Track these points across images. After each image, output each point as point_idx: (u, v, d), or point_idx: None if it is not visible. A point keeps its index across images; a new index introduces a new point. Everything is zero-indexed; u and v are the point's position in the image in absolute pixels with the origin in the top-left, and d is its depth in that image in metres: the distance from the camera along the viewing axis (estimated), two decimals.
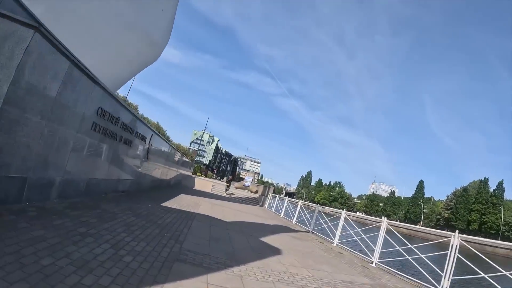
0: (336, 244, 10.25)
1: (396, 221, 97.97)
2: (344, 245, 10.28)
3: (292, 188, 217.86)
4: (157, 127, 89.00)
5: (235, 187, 34.45)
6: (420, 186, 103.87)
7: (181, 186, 22.89)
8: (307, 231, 12.95)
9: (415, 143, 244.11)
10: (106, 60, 11.70)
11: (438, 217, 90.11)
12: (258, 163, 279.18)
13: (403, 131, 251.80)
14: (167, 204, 10.26)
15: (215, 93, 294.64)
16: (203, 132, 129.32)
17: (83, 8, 10.56)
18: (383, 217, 9.53)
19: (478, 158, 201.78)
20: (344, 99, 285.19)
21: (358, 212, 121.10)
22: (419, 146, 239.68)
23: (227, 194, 25.99)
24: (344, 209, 12.49)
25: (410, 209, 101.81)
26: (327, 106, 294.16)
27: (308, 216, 14.05)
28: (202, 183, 27.53)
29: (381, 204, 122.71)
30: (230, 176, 29.68)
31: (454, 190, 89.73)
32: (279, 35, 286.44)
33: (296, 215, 15.60)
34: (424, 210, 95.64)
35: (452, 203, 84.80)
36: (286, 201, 18.14)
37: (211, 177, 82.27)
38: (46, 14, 9.32)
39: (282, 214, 17.63)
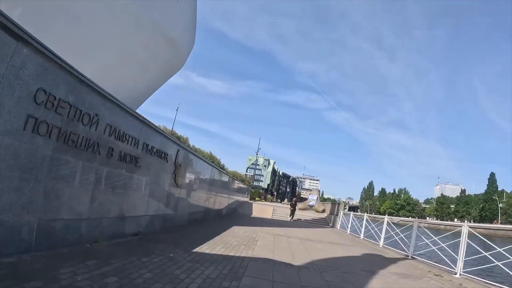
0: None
1: (470, 221, 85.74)
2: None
3: (355, 201, 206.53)
4: (210, 156, 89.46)
5: (299, 209, 30.16)
6: (492, 180, 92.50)
7: (236, 215, 19.56)
8: (406, 257, 9.55)
9: (475, 135, 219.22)
10: (109, 65, 9.11)
11: None
12: (317, 180, 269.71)
13: (460, 125, 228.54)
14: (205, 247, 6.72)
15: (264, 117, 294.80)
16: (257, 156, 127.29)
17: (76, 4, 8.19)
18: (465, 221, 5.46)
19: None
20: (394, 102, 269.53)
21: (428, 218, 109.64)
22: (479, 137, 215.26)
23: (291, 220, 21.86)
24: (416, 217, 8.74)
25: (484, 206, 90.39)
26: (378, 112, 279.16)
27: (401, 235, 10.66)
28: (261, 208, 23.99)
29: (452, 206, 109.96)
30: (294, 199, 24.97)
31: None
32: (318, 50, 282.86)
33: (383, 236, 12.35)
34: (500, 205, 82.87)
35: None
36: (364, 220, 15.11)
37: (271, 201, 78.92)
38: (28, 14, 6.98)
39: (362, 236, 14.83)
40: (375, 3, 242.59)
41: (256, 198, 43.04)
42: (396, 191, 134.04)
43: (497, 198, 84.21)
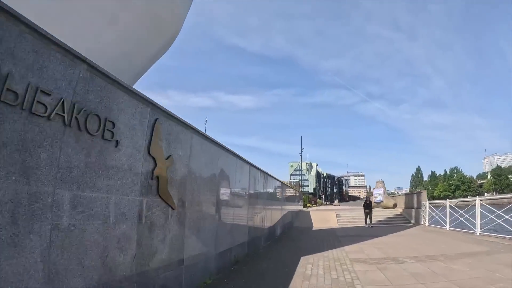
0: None
1: None
2: None
3: (404, 190, 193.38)
4: None
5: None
6: None
7: (294, 231, 14.75)
8: None
9: None
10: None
11: None
12: (362, 176, 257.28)
13: (496, 91, 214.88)
14: None
15: (298, 122, 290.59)
16: (301, 159, 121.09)
17: None
18: None
19: None
20: (424, 82, 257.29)
21: (486, 194, 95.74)
22: None
23: (368, 226, 16.26)
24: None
25: None
26: (410, 96, 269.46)
27: None
28: (321, 216, 18.94)
29: (510, 176, 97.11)
30: (369, 198, 17.84)
31: None
32: (337, 45, 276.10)
33: None
34: None
35: None
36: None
37: (321, 205, 73.13)
38: None
39: (478, 231, 10.69)
40: None
41: (308, 205, 37.70)
42: (447, 172, 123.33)
43: None
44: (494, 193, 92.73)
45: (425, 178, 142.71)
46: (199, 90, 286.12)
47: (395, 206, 22.66)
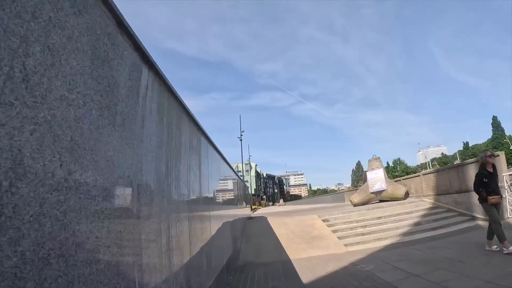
0: None
1: None
2: None
3: (346, 185, 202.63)
4: None
5: (353, 204, 16.87)
6: (496, 124, 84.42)
7: (247, 255, 8.10)
8: None
9: (441, 96, 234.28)
10: None
11: None
12: (302, 174, 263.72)
13: (425, 89, 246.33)
14: None
15: (236, 125, 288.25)
16: (242, 160, 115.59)
17: None
18: None
19: (508, 83, 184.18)
20: (357, 82, 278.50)
21: None
22: (446, 97, 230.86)
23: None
24: None
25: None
26: (344, 96, 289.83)
27: None
28: (292, 226, 11.21)
29: (456, 162, 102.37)
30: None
31: None
32: (273, 48, 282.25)
33: None
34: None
35: None
36: None
37: (266, 206, 68.61)
38: None
39: None
40: None
41: (253, 207, 31.45)
42: (390, 164, 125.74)
43: (508, 141, 78.05)
44: None
45: None
46: None
47: (407, 195, 14.81)
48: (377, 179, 16.08)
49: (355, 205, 15.87)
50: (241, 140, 19.30)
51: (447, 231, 8.70)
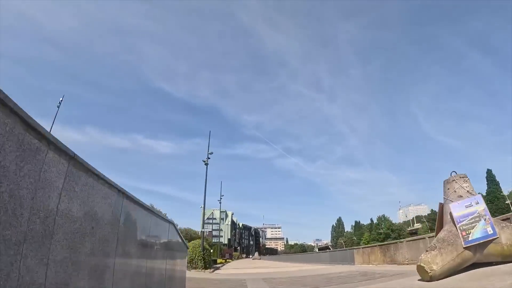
0: None
1: None
2: None
3: (324, 242, 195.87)
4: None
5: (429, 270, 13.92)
6: (491, 177, 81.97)
7: None
8: None
9: (422, 157, 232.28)
10: None
11: None
12: (279, 228, 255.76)
13: (405, 149, 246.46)
14: None
15: (215, 174, 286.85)
16: (220, 208, 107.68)
17: None
18: None
19: (483, 145, 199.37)
20: (340, 140, 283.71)
21: None
22: (426, 157, 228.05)
23: None
24: None
25: (490, 208, 77.73)
26: (326, 153, 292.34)
27: None
28: None
29: None
30: None
31: None
32: (260, 100, 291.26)
33: None
34: (507, 202, 75.69)
35: None
36: None
37: (239, 258, 62.74)
38: None
39: None
40: (309, 49, 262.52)
41: (220, 260, 27.29)
42: (374, 221, 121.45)
43: (504, 194, 77.37)
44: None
45: (348, 228, 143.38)
46: (118, 130, 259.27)
47: None
48: (473, 217, 8.06)
49: (433, 278, 7.34)
50: (206, 164, 16.68)
51: None
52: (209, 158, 19.52)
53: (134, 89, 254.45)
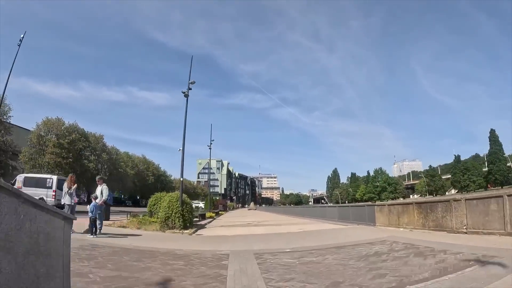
0: None
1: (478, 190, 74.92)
2: None
3: (319, 192, 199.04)
4: (144, 161, 67.88)
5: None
6: (494, 138, 78.37)
7: None
8: None
9: (418, 114, 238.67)
10: None
11: None
12: (275, 177, 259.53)
13: (402, 106, 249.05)
14: None
15: (212, 124, 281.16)
16: (210, 156, 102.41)
17: None
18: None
19: (481, 107, 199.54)
20: (337, 92, 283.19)
21: (415, 195, 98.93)
22: (422, 115, 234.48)
23: None
24: None
25: (492, 169, 75.53)
26: (323, 104, 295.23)
27: None
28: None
29: (445, 177, 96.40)
30: None
31: None
32: (257, 50, 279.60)
33: None
34: (509, 164, 73.40)
35: None
36: None
37: (235, 208, 61.11)
38: None
39: None
40: None
41: (209, 214, 24.29)
42: (371, 173, 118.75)
43: (507, 156, 74.54)
44: (427, 194, 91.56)
45: (344, 180, 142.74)
46: (113, 83, 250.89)
47: None
48: None
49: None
50: (187, 96, 14.43)
51: None
52: (190, 89, 15.47)
53: (127, 40, 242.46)
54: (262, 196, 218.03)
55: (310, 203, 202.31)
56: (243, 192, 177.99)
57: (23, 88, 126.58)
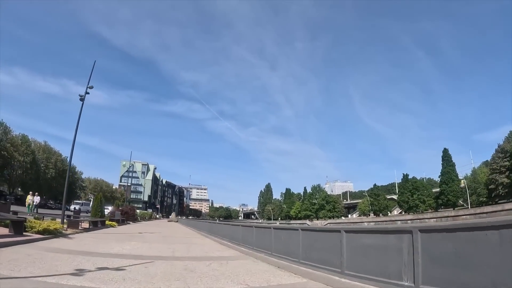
0: None
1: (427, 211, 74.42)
2: None
3: (250, 207, 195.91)
4: (45, 148, 57.10)
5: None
6: (446, 157, 74.54)
7: None
8: None
9: (350, 137, 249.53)
10: None
11: (492, 186, 61.76)
12: (205, 189, 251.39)
13: (337, 129, 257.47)
14: None
15: (146, 129, 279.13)
16: (133, 162, 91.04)
17: None
18: None
19: (411, 136, 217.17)
20: (275, 110, 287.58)
21: (353, 215, 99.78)
22: (355, 139, 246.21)
23: None
24: None
25: (444, 189, 71.53)
26: (259, 120, 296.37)
27: None
28: None
29: (390, 196, 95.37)
30: None
31: (497, 148, 63.47)
32: (201, 59, 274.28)
33: None
34: (462, 185, 71.77)
35: (507, 163, 58.53)
36: None
37: (149, 219, 52.14)
38: None
39: None
40: (259, 13, 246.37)
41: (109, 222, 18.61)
42: (308, 190, 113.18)
43: (459, 176, 73.04)
44: (372, 214, 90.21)
45: (276, 196, 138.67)
46: (49, 74, 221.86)
47: None
48: None
49: None
50: (82, 100, 10.84)
51: None
52: (87, 93, 16.14)
53: (70, 30, 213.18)
54: (190, 207, 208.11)
55: (240, 217, 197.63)
56: (170, 201, 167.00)
57: None
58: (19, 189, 52.01)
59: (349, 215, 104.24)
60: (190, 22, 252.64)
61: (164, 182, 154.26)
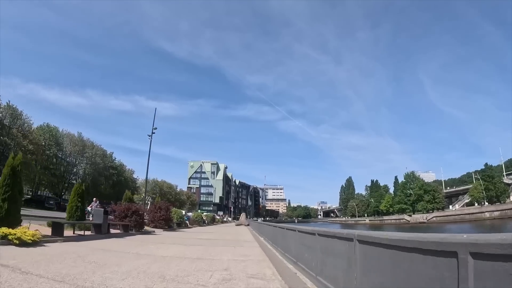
0: None
1: None
2: None
3: (329, 205, 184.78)
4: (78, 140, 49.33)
5: None
6: None
7: None
8: None
9: (425, 126, 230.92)
10: None
11: None
12: (281, 189, 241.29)
13: (410, 118, 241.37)
14: None
15: (217, 135, 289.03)
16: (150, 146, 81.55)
17: None
18: None
19: (490, 118, 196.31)
20: (344, 105, 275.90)
21: (457, 206, 78.46)
22: (430, 127, 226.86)
23: None
24: None
25: None
26: (330, 117, 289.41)
27: None
28: None
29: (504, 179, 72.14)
30: None
31: None
32: (264, 61, 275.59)
33: None
34: None
35: None
36: None
37: (212, 223, 37.58)
38: None
39: None
40: (316, 9, 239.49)
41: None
42: (399, 179, 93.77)
43: None
44: (485, 202, 69.47)
45: (359, 190, 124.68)
46: (120, 92, 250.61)
47: None
48: None
49: None
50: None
51: None
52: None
53: (134, 49, 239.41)
54: (267, 208, 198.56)
55: (319, 216, 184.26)
56: (245, 202, 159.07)
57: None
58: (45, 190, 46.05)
59: (450, 206, 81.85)
60: (247, 25, 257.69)
61: (237, 183, 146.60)
